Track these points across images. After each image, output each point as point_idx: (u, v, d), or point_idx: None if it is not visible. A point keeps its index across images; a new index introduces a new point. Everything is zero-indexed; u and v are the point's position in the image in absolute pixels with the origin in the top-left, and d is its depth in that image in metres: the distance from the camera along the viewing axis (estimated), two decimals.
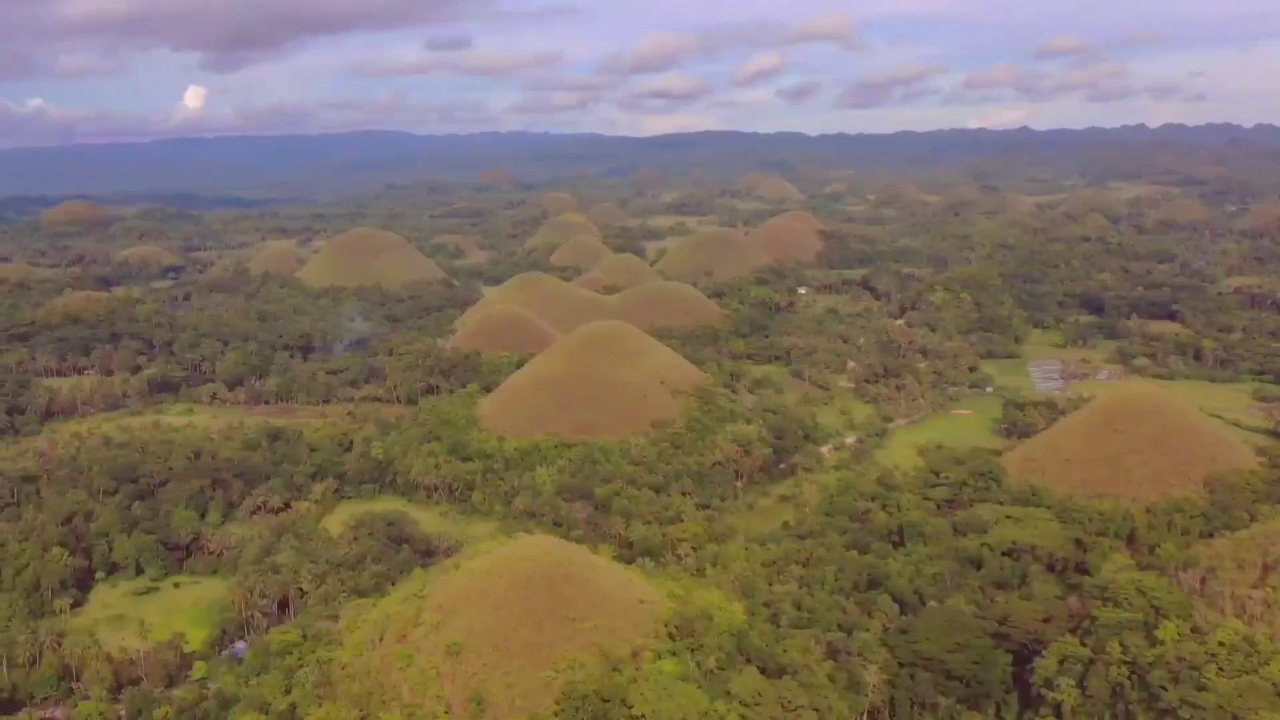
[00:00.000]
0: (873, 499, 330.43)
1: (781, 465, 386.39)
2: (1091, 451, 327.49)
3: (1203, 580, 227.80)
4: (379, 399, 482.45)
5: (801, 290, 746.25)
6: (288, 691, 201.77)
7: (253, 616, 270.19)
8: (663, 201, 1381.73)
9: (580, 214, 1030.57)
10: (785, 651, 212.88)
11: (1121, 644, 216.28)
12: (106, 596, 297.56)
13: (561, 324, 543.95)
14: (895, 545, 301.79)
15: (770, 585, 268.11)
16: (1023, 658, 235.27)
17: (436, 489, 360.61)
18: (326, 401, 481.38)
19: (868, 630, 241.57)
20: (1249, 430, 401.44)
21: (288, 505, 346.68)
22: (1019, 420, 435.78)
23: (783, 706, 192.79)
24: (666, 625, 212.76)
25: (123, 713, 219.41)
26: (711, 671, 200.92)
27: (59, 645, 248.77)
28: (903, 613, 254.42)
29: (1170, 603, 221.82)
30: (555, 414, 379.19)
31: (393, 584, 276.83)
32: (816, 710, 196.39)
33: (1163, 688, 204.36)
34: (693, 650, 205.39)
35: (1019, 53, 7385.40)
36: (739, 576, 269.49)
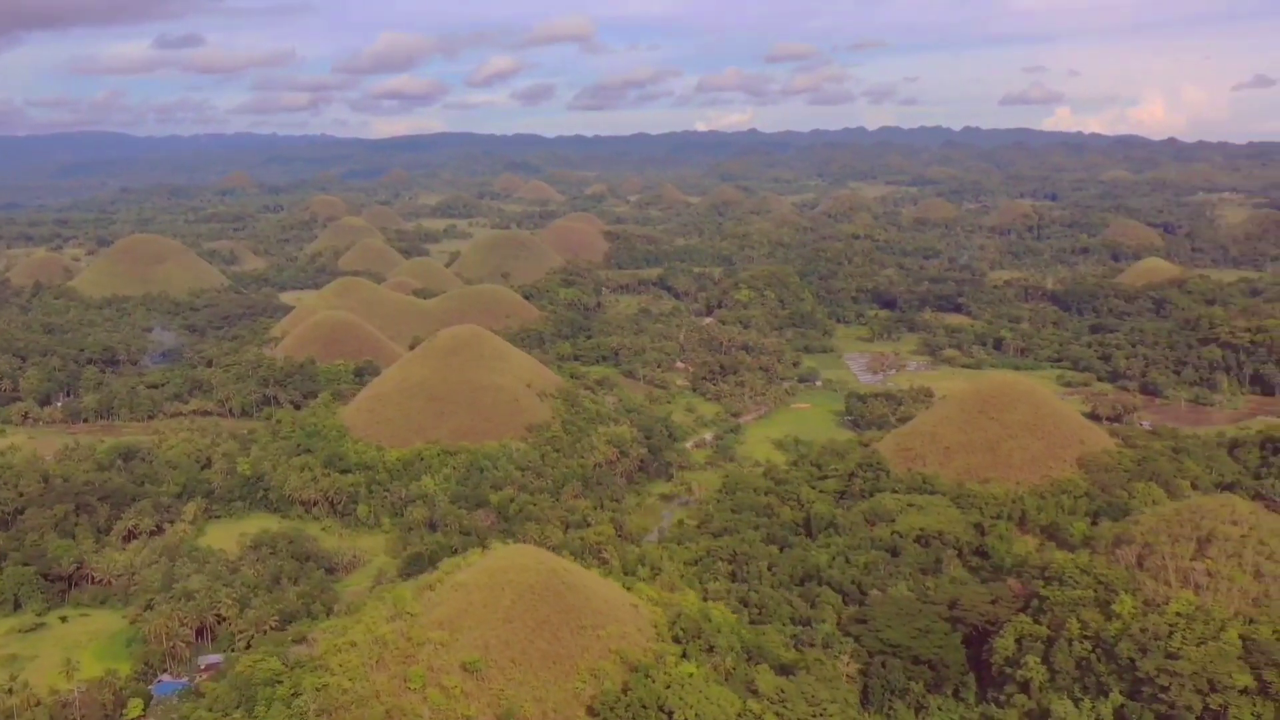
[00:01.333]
0: (766, 493, 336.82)
1: (655, 464, 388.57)
2: (970, 439, 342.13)
3: (1139, 557, 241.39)
4: (210, 413, 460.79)
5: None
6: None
7: (174, 647, 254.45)
8: (425, 204, 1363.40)
9: (358, 218, 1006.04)
10: (785, 649, 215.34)
11: (1080, 620, 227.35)
12: None
13: (386, 330, 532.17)
14: (805, 537, 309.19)
15: (704, 584, 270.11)
16: (972, 640, 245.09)
17: (316, 504, 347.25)
18: (152, 417, 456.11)
19: (824, 622, 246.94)
20: None
21: (160, 528, 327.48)
22: (862, 412, 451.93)
23: (808, 702, 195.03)
24: (671, 629, 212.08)
25: None
26: (730, 672, 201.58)
27: None
28: (846, 603, 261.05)
29: (1118, 579, 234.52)
30: (432, 421, 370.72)
31: (322, 606, 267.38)
32: (836, 704, 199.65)
33: (1131, 659, 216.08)
34: (706, 652, 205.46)
35: (749, 57, 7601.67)
36: (669, 577, 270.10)
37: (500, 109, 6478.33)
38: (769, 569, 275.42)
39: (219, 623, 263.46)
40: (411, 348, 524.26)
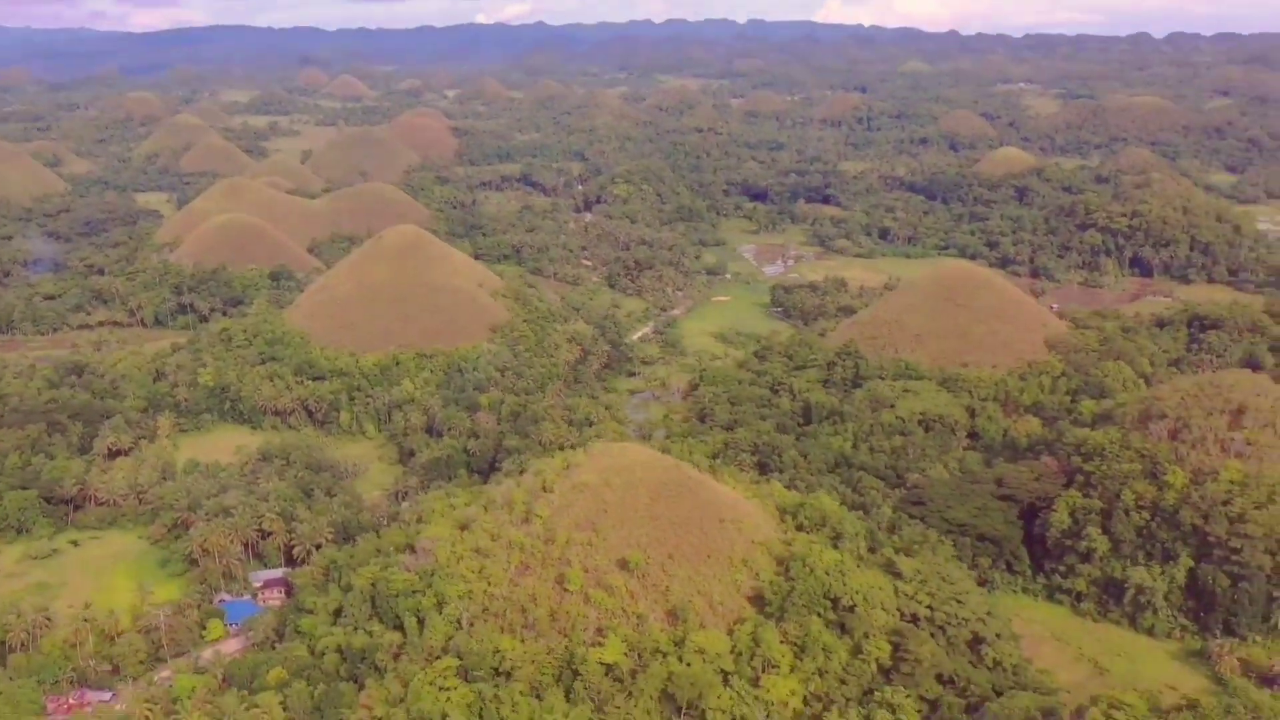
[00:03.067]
0: (749, 384, 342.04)
1: (616, 360, 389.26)
2: (940, 325, 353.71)
3: (1171, 431, 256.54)
4: (119, 324, 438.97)
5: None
6: (459, 628, 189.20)
7: (228, 565, 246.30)
8: (235, 102, 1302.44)
9: (191, 116, 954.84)
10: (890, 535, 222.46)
11: (1134, 492, 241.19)
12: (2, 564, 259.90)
13: (282, 232, 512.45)
14: (804, 424, 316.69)
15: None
16: (1020, 516, 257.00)
17: (291, 413, 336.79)
18: (57, 330, 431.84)
19: (879, 506, 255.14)
20: None
21: (136, 444, 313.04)
22: (790, 303, 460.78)
23: (945, 580, 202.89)
24: (795, 519, 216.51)
25: (221, 679, 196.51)
26: (862, 557, 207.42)
27: (48, 623, 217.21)
28: (890, 488, 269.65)
29: (1160, 452, 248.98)
30: (399, 325, 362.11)
31: (370, 516, 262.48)
32: (964, 581, 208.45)
33: (1193, 525, 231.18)
34: (834, 540, 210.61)
35: None
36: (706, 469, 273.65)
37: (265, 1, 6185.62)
38: (804, 457, 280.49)
39: (263, 538, 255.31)
40: (310, 250, 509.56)
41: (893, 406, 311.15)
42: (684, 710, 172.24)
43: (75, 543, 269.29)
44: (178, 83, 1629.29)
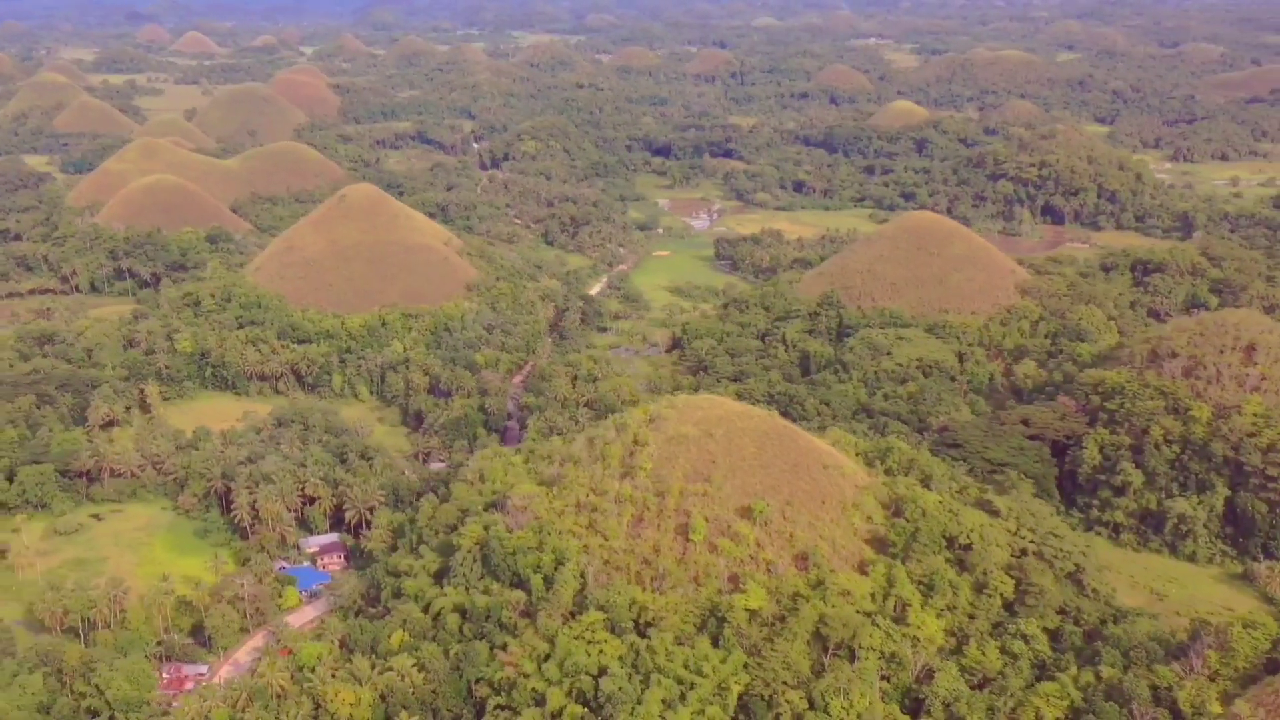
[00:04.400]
0: (734, 336, 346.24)
1: (588, 316, 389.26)
2: (915, 274, 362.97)
3: (1186, 369, 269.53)
4: (51, 290, 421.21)
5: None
6: (584, 582, 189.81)
7: (281, 532, 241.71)
8: (81, 60, 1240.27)
9: (57, 74, 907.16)
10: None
11: (1162, 427, 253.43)
12: (26, 541, 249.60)
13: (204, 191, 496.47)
14: (804, 374, 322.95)
15: None
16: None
17: (280, 377, 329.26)
18: None
19: (915, 449, 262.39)
20: None
21: (127, 413, 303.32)
22: (735, 255, 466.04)
23: (1034, 515, 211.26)
24: (883, 463, 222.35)
25: (338, 646, 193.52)
26: (954, 497, 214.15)
27: (124, 596, 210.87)
28: (914, 431, 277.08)
29: (1179, 389, 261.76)
30: (379, 285, 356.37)
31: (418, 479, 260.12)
32: (1049, 515, 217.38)
33: (1225, 457, 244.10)
34: (924, 482, 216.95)
35: None
36: None
37: None
38: (826, 405, 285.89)
39: (307, 504, 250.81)
40: (233, 209, 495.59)
41: (889, 354, 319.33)
42: (830, 650, 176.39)
43: (97, 516, 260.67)
44: (6, 39, 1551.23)
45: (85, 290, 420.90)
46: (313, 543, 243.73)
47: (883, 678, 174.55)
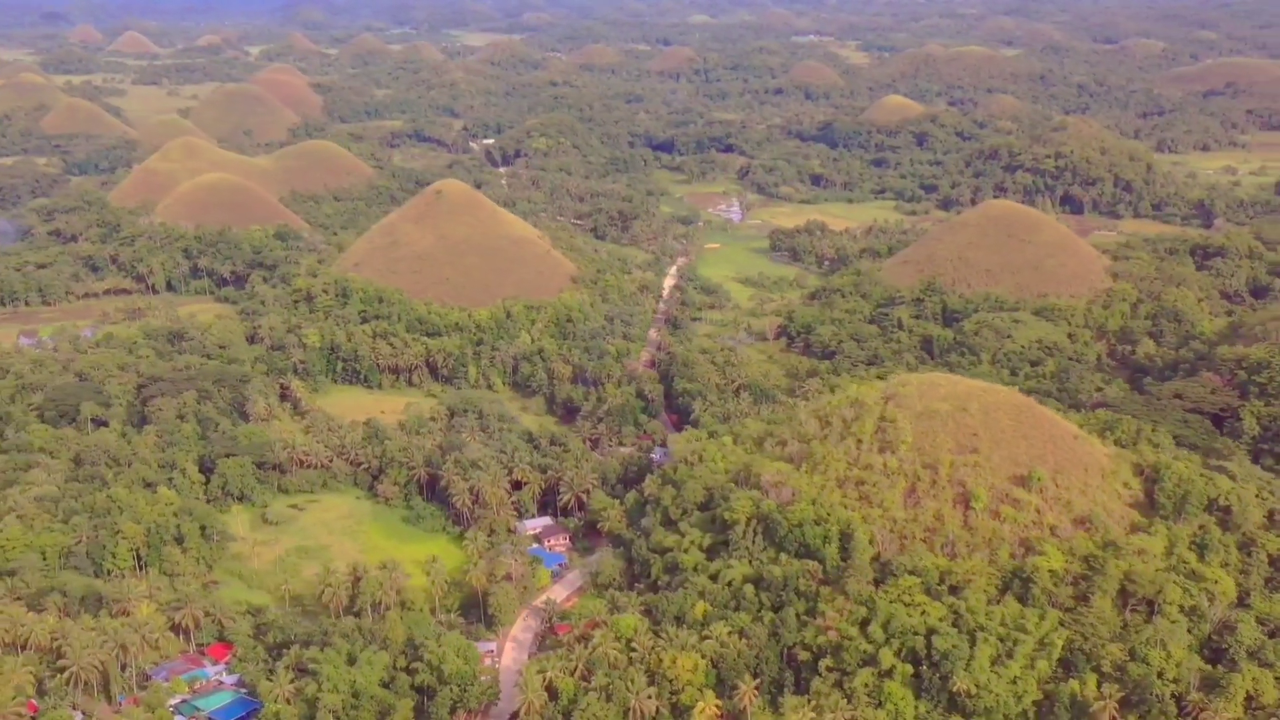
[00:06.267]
0: (837, 323, 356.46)
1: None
2: (1010, 260, 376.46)
3: None
4: (126, 290, 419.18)
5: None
6: (875, 555, 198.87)
7: (507, 518, 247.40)
8: (18, 59, 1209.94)
9: (35, 75, 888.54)
10: None
11: None
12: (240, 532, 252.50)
13: None
14: (929, 356, 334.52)
15: None
16: None
17: (414, 370, 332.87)
18: (48, 303, 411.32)
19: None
20: None
21: (279, 406, 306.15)
22: (794, 245, 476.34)
23: (1259, 478, 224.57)
24: (1113, 433, 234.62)
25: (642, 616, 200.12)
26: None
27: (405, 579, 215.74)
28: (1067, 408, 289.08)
29: None
30: (495, 278, 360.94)
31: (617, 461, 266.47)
32: None
33: None
34: (1155, 446, 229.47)
35: None
36: None
37: None
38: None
39: (515, 489, 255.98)
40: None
41: (1010, 336, 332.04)
42: (1130, 606, 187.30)
43: (295, 507, 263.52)
44: None
45: (161, 289, 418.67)
46: (530, 525, 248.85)
47: None
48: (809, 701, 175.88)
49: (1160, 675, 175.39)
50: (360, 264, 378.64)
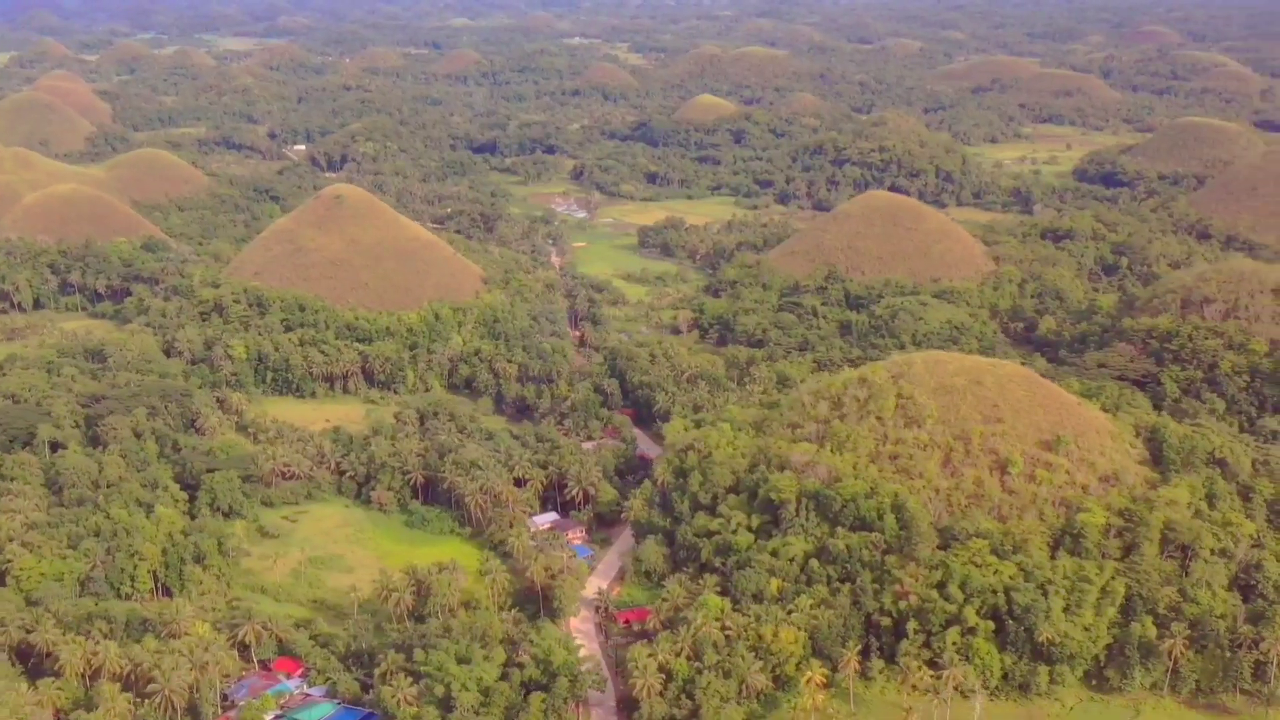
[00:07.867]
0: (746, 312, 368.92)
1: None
2: (899, 248, 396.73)
3: (1224, 312, 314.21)
4: None
5: None
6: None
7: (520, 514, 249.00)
8: None
9: None
10: None
11: (1230, 361, 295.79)
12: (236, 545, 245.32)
13: None
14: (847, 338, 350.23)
15: None
16: None
17: (348, 377, 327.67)
18: None
19: None
20: None
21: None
22: (665, 241, 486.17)
23: (1225, 432, 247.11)
24: (1097, 401, 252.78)
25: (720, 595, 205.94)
26: None
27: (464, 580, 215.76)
28: None
29: (1232, 329, 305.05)
30: (415, 280, 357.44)
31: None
32: None
33: None
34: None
35: None
36: None
37: None
38: None
39: (517, 486, 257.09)
40: None
41: (923, 319, 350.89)
42: (1165, 553, 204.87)
43: (287, 519, 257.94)
44: None
45: (27, 308, 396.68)
46: (540, 521, 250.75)
47: None
48: (905, 661, 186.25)
49: (1210, 613, 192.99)
50: (261, 272, 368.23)
